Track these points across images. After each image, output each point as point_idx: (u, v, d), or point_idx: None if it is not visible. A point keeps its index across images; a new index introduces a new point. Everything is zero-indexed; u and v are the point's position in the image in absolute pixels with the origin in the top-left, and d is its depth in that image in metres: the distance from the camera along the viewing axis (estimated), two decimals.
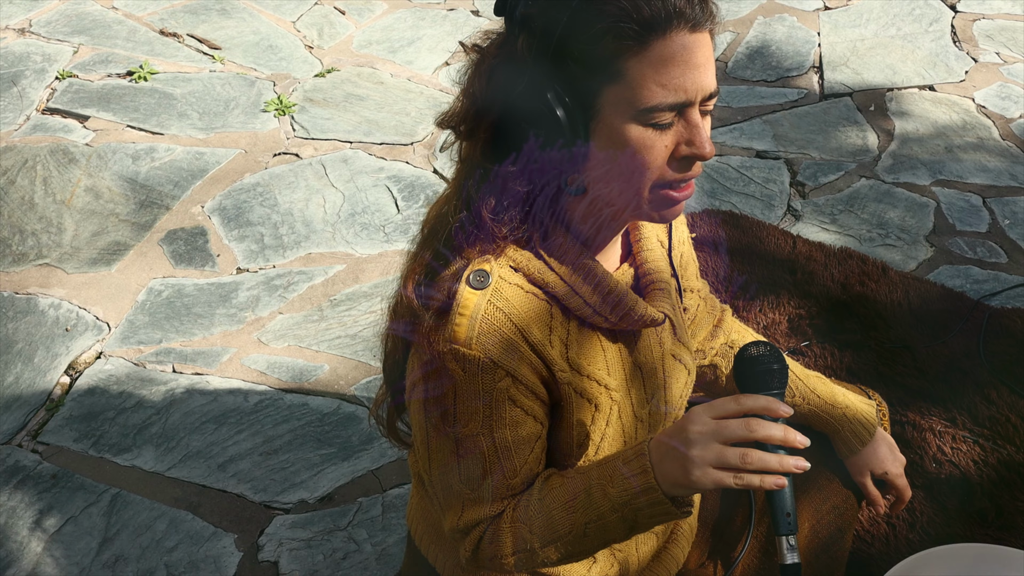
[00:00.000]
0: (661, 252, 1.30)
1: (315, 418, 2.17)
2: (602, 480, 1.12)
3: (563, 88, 1.05)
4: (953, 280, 2.54)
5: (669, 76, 1.03)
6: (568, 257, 1.15)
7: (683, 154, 1.08)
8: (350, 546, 1.91)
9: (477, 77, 1.11)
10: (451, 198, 1.17)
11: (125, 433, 2.13)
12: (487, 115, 1.10)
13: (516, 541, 1.16)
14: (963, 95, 3.26)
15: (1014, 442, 2.09)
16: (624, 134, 1.06)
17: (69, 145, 2.97)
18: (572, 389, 1.18)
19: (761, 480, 1.03)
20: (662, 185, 1.10)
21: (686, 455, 1.04)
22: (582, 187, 1.12)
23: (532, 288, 1.14)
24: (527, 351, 1.12)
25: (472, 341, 1.09)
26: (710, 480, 1.03)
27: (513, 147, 1.09)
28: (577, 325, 1.18)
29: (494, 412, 1.13)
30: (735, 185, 2.87)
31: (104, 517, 1.97)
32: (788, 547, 1.15)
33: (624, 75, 1.03)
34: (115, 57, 3.38)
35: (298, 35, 3.57)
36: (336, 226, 2.71)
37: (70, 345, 2.35)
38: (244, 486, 2.03)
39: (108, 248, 2.63)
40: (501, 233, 1.12)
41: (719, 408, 1.05)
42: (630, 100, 1.04)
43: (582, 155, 1.08)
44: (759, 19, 3.67)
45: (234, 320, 2.42)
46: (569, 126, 1.06)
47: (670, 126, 1.07)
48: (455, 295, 1.11)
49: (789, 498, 1.15)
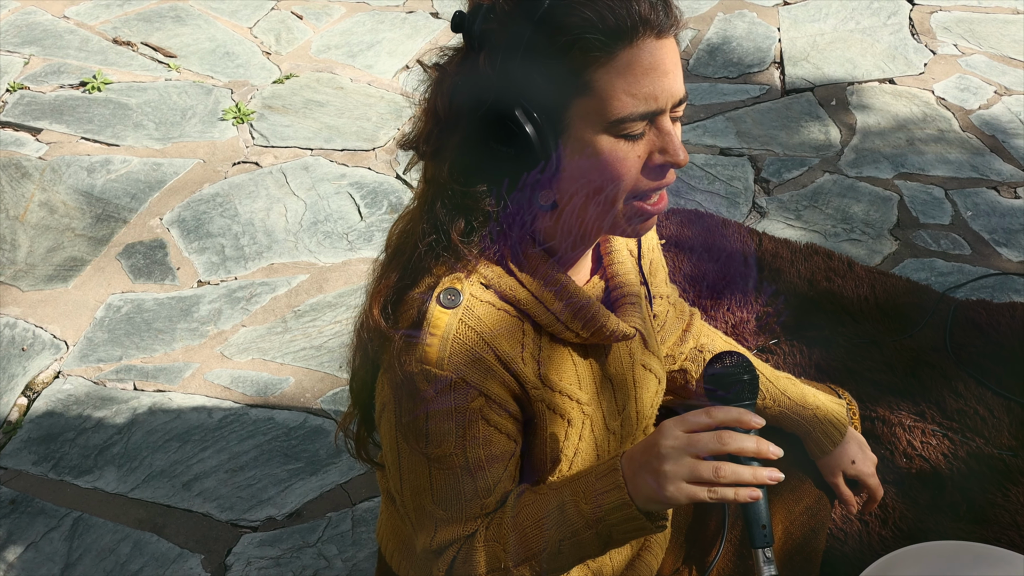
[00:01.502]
0: (632, 264, 1.29)
1: (281, 432, 2.13)
2: (575, 496, 1.11)
3: (530, 104, 1.02)
4: (918, 273, 2.55)
5: (639, 85, 1.02)
6: (539, 272, 1.13)
7: (656, 163, 1.07)
8: (320, 563, 1.88)
9: (439, 96, 1.08)
10: (417, 218, 1.14)
11: (86, 454, 2.08)
12: (452, 135, 1.07)
13: (490, 560, 1.14)
14: (923, 87, 3.28)
15: (982, 434, 2.10)
16: (595, 147, 1.04)
17: (22, 159, 2.90)
18: (545, 405, 1.16)
19: (735, 493, 1.02)
20: (636, 196, 1.09)
21: (659, 470, 1.02)
22: (553, 202, 1.10)
23: (503, 305, 1.13)
24: (499, 369, 1.11)
25: (444, 361, 1.08)
26: (684, 495, 1.02)
27: (481, 167, 1.06)
28: (548, 340, 1.17)
29: (467, 432, 1.11)
30: (700, 183, 2.87)
31: (66, 542, 1.92)
32: (765, 559, 1.14)
33: (592, 87, 1.02)
34: (67, 68, 3.31)
35: (255, 41, 3.51)
36: (298, 235, 2.67)
37: (27, 365, 2.29)
38: (210, 505, 1.99)
39: (64, 264, 2.57)
40: (472, 254, 1.10)
41: (691, 422, 1.03)
42: (600, 112, 1.02)
43: (553, 171, 1.06)
44: (719, 16, 3.67)
45: (196, 334, 2.37)
46: (539, 143, 1.03)
47: (642, 136, 1.05)
48: (425, 314, 1.09)
49: (764, 510, 1.14)
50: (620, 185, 1.07)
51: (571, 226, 1.13)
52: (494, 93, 1.03)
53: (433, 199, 1.11)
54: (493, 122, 1.03)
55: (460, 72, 1.06)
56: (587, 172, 1.06)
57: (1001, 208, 2.78)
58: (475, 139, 1.05)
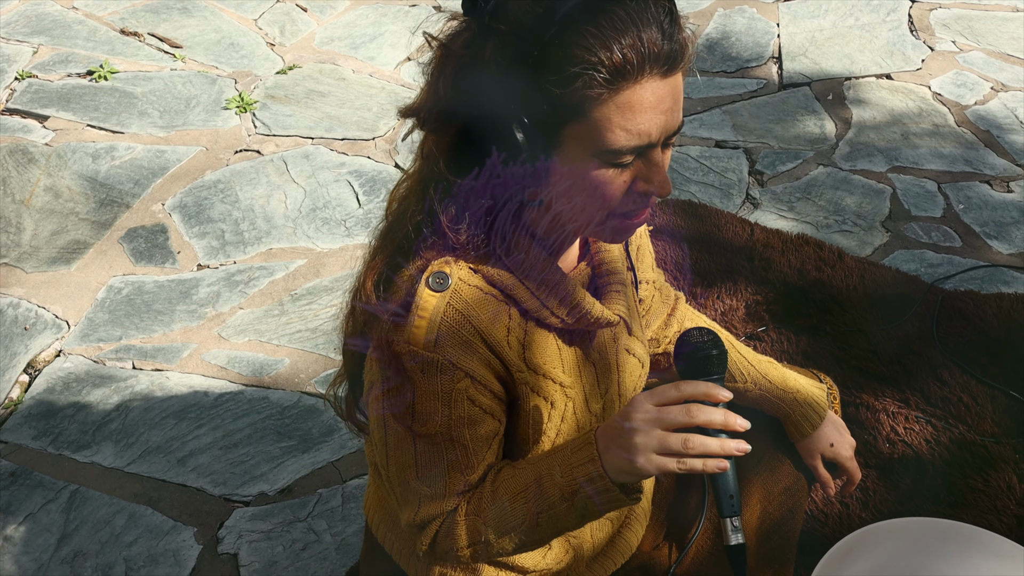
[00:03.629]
0: (619, 250, 1.31)
1: (275, 411, 2.17)
2: (551, 470, 1.13)
3: (527, 116, 1.02)
4: (908, 264, 2.57)
5: (635, 122, 1.02)
6: (526, 260, 1.15)
7: (640, 190, 1.08)
8: (309, 537, 1.92)
9: (442, 77, 1.08)
10: (411, 199, 1.16)
11: (84, 430, 2.13)
12: (450, 120, 1.08)
13: (471, 534, 1.17)
14: (919, 83, 3.31)
15: (965, 421, 2.12)
16: (583, 168, 1.06)
17: (28, 145, 2.95)
18: (528, 388, 1.19)
19: (704, 464, 1.05)
20: (617, 215, 1.11)
21: (630, 442, 1.05)
22: (543, 201, 1.12)
23: (490, 289, 1.15)
24: (485, 351, 1.13)
25: (431, 343, 1.10)
26: (654, 466, 1.05)
27: (476, 163, 1.07)
28: (534, 325, 1.19)
29: (453, 412, 1.14)
30: (694, 175, 2.90)
31: (63, 513, 1.97)
32: (732, 528, 1.17)
33: (590, 116, 1.02)
34: (75, 57, 3.36)
35: (260, 33, 3.56)
36: (297, 221, 2.71)
37: (29, 344, 2.34)
38: (204, 480, 2.03)
39: (67, 247, 2.63)
40: (459, 241, 1.12)
41: (660, 395, 1.06)
42: (593, 139, 1.03)
43: (544, 174, 1.07)
44: (719, 11, 3.70)
45: (194, 316, 2.42)
46: (531, 155, 1.04)
47: (631, 164, 1.06)
48: (414, 297, 1.11)
49: (732, 481, 1.16)
50: (603, 206, 1.09)
51: (558, 223, 1.16)
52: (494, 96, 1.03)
53: (427, 181, 1.12)
54: (490, 122, 1.04)
55: (465, 55, 1.06)
56: (573, 188, 1.08)
57: (993, 201, 2.80)
58: (471, 136, 1.06)
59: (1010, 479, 1.99)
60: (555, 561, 1.37)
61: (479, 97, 1.04)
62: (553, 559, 1.37)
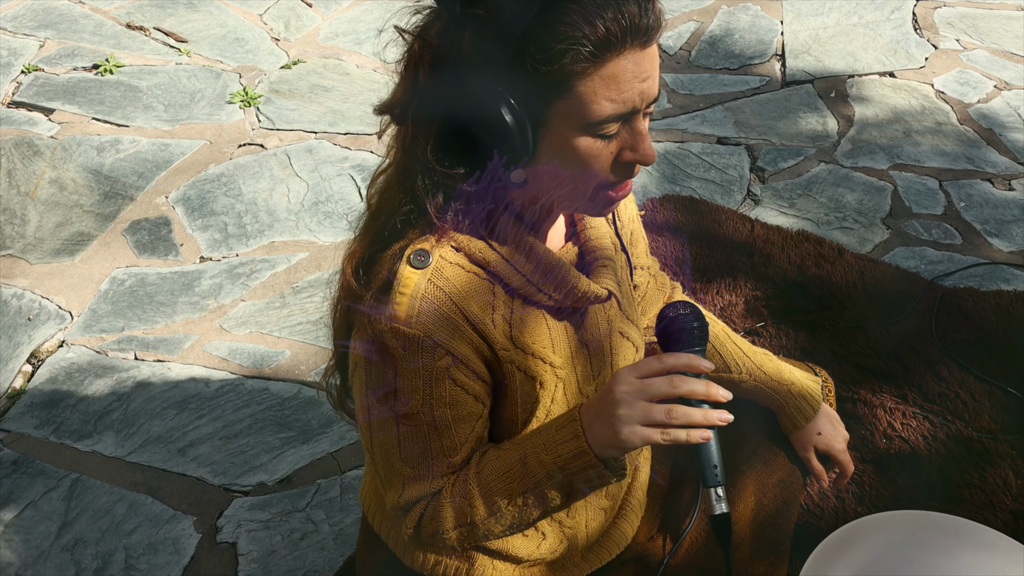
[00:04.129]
0: (606, 229, 1.32)
1: (275, 403, 2.19)
2: (536, 448, 1.14)
3: (513, 98, 1.04)
4: (908, 261, 2.58)
5: (620, 91, 1.04)
6: (510, 237, 1.16)
7: (626, 159, 1.10)
8: (308, 527, 1.93)
9: (420, 68, 1.09)
10: (393, 184, 1.16)
11: (86, 419, 2.15)
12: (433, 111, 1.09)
13: (456, 516, 1.18)
14: (922, 81, 3.31)
15: (963, 417, 2.13)
16: (572, 144, 1.07)
17: (34, 138, 2.97)
18: (515, 367, 1.19)
19: (688, 435, 1.06)
20: (603, 187, 1.12)
21: (614, 415, 1.06)
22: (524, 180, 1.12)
23: (473, 267, 1.15)
24: (467, 330, 1.14)
25: (412, 320, 1.10)
26: (638, 438, 1.06)
27: (462, 152, 1.08)
28: (521, 303, 1.19)
29: (434, 391, 1.14)
30: (696, 171, 2.91)
31: (64, 502, 1.98)
32: (716, 498, 1.18)
33: (575, 91, 1.04)
34: (81, 51, 3.38)
35: (265, 28, 3.58)
36: (299, 215, 2.73)
37: (32, 334, 2.36)
38: (204, 470, 2.05)
39: (72, 239, 2.65)
40: (445, 224, 1.13)
41: (643, 368, 1.07)
42: (580, 114, 1.05)
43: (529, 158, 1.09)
44: (723, 8, 3.71)
45: (196, 308, 2.44)
46: (519, 137, 1.05)
47: (616, 135, 1.08)
48: (396, 274, 1.12)
49: (715, 451, 1.17)
50: (591, 179, 1.10)
51: (541, 202, 1.17)
52: (477, 79, 1.04)
53: (412, 171, 1.12)
54: (474, 109, 1.05)
55: (442, 44, 1.07)
56: (561, 164, 1.09)
57: (994, 199, 2.80)
58: (457, 124, 1.07)
59: (1006, 475, 2.00)
60: (549, 551, 1.38)
61: (462, 84, 1.05)
62: (547, 549, 1.37)
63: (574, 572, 1.43)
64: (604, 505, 1.42)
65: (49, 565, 1.86)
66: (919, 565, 1.51)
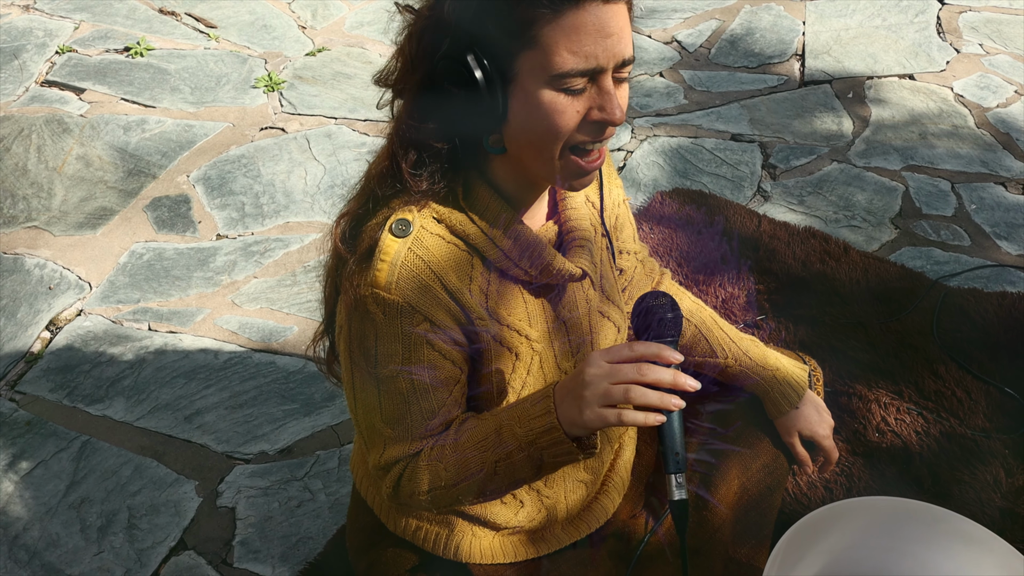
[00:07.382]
0: (587, 210, 1.35)
1: (281, 376, 2.25)
2: (511, 420, 1.18)
3: (482, 52, 1.09)
4: (914, 261, 2.59)
5: (580, 44, 1.08)
6: (490, 212, 1.20)
7: (594, 119, 1.13)
8: (305, 495, 1.99)
9: (409, 39, 1.16)
10: (380, 157, 1.22)
11: (98, 385, 2.22)
12: (414, 75, 1.15)
13: (432, 479, 1.22)
14: (942, 84, 3.30)
15: (957, 415, 2.14)
16: (538, 98, 1.11)
17: (64, 116, 3.06)
18: (491, 337, 1.23)
19: (644, 417, 1.09)
20: (573, 150, 1.16)
21: (581, 395, 1.10)
22: (502, 146, 1.17)
23: (453, 239, 1.20)
24: (445, 298, 1.18)
25: (392, 286, 1.15)
26: (598, 418, 1.10)
27: (434, 107, 1.13)
28: (498, 277, 1.23)
29: (412, 355, 1.19)
30: (707, 166, 2.93)
31: (73, 462, 2.06)
32: (676, 484, 1.19)
33: (538, 41, 1.08)
34: (114, 33, 3.47)
35: (292, 16, 3.65)
36: (315, 197, 2.79)
37: (52, 303, 2.44)
38: (208, 437, 2.11)
39: (95, 213, 2.73)
40: (420, 188, 1.17)
41: (614, 353, 1.11)
42: (544, 66, 1.09)
43: (500, 116, 1.13)
44: (746, 8, 3.72)
45: (210, 283, 2.51)
46: (488, 89, 1.10)
47: (583, 92, 1.12)
48: (377, 242, 1.17)
49: (678, 438, 1.18)
50: (558, 136, 1.14)
51: (519, 172, 1.21)
52: (451, 38, 1.10)
53: (393, 133, 1.20)
54: (448, 65, 1.11)
55: (430, 16, 1.14)
56: (529, 121, 1.13)
57: (1006, 203, 2.80)
58: (431, 80, 1.13)
59: (997, 473, 2.00)
60: (527, 519, 1.42)
61: (438, 46, 1.10)
62: (525, 517, 1.41)
63: (553, 543, 1.47)
64: (583, 478, 1.45)
65: (56, 521, 1.94)
66: (895, 553, 1.52)
